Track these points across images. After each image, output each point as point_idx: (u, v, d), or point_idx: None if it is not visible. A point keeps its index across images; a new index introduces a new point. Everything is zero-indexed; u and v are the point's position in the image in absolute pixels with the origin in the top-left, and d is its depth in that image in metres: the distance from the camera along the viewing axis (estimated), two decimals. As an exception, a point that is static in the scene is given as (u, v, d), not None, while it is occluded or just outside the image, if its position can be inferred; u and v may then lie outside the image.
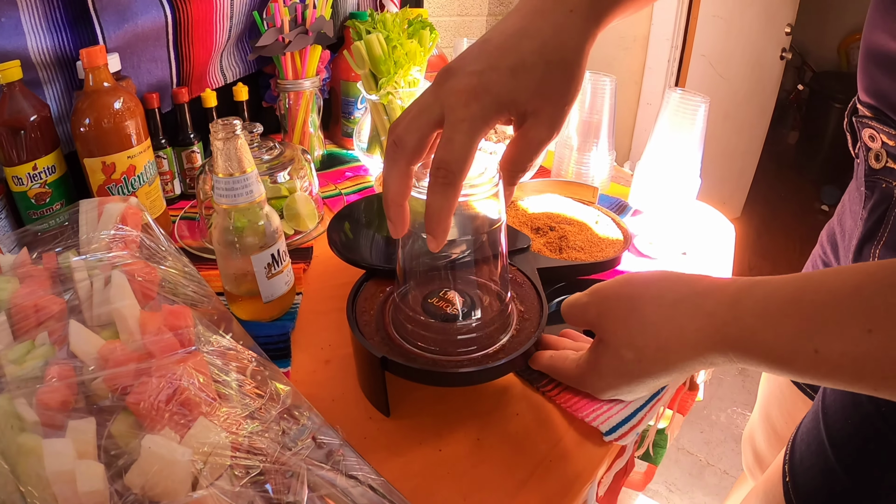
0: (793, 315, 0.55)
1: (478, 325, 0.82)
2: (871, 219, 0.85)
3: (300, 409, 0.68)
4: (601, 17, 0.67)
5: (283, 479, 0.57)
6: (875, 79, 0.80)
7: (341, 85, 1.68)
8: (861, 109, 0.83)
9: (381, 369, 0.77)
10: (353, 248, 0.98)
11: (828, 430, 0.83)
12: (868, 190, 0.85)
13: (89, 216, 0.87)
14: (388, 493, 0.61)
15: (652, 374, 0.69)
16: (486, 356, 0.78)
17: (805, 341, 0.54)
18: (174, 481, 0.51)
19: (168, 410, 0.57)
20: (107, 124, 1.04)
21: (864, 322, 0.50)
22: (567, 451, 0.79)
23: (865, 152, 0.84)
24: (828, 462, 0.81)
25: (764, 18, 3.52)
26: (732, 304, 0.60)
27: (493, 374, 0.79)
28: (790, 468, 0.88)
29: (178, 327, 0.68)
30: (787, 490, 0.87)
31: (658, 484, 2.43)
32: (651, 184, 1.32)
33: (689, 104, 1.20)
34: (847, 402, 0.81)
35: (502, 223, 0.81)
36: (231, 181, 0.85)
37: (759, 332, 0.57)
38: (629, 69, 3.14)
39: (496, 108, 0.62)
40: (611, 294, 0.73)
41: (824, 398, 0.86)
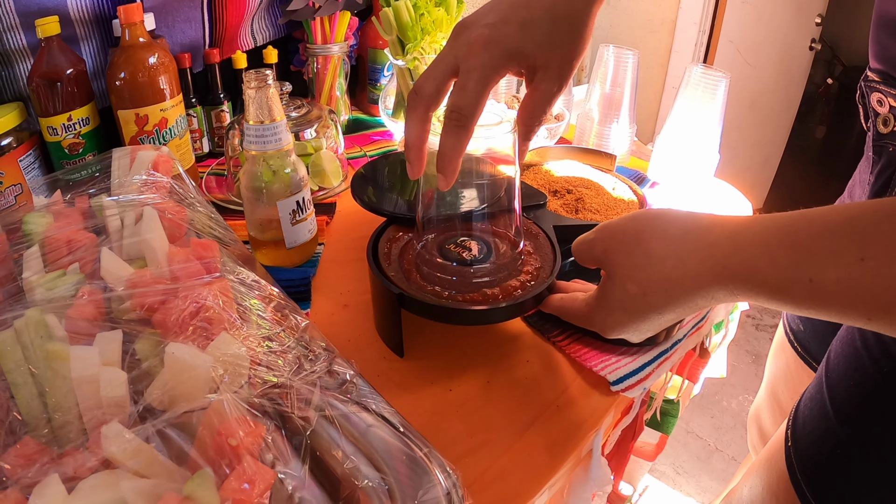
0: (788, 245, 0.56)
1: (492, 269, 0.85)
2: (877, 183, 0.86)
3: (316, 342, 0.71)
4: None
5: (296, 397, 0.59)
6: (885, 44, 0.81)
7: (368, 52, 1.70)
8: (870, 75, 0.85)
9: (398, 305, 0.80)
10: (375, 197, 1.01)
11: (830, 392, 0.84)
12: (875, 155, 0.87)
13: (121, 163, 0.90)
14: (394, 420, 0.64)
15: (656, 308, 0.69)
16: (498, 298, 0.81)
17: (800, 270, 0.55)
18: (194, 386, 0.54)
19: (192, 325, 0.60)
20: (142, 78, 1.07)
21: (857, 250, 0.51)
22: (574, 399, 0.82)
23: (874, 117, 0.85)
24: (829, 423, 0.82)
25: (794, 7, 3.50)
26: (732, 236, 0.61)
27: (505, 313, 0.82)
28: (792, 433, 0.89)
29: (205, 257, 0.71)
30: (789, 454, 0.88)
31: (665, 465, 2.44)
32: (670, 157, 1.33)
33: (710, 79, 1.22)
34: (850, 365, 0.82)
35: (517, 176, 0.84)
36: (261, 128, 0.89)
37: (757, 261, 0.58)
38: (656, 52, 3.14)
39: (506, 58, 0.68)
40: (617, 229, 0.74)
41: (828, 363, 0.88)
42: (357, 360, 0.79)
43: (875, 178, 0.87)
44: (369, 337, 0.89)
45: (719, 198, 1.41)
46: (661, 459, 2.45)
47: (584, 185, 1.19)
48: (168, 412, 0.53)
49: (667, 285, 0.67)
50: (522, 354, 0.88)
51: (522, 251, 0.89)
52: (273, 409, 0.57)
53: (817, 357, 1.13)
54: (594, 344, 0.90)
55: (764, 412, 1.39)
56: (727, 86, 1.21)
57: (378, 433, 0.60)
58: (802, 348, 1.17)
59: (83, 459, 0.49)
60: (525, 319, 0.94)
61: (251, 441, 0.50)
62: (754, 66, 3.50)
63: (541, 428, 0.77)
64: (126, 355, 0.58)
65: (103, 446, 0.48)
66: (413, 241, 0.91)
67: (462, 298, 0.81)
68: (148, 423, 0.52)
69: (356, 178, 1.05)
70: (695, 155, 1.27)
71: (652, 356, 0.90)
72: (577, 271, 1.03)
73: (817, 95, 5.53)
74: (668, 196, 1.33)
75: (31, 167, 1.07)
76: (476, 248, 0.88)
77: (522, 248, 0.89)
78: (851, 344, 0.83)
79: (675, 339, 0.94)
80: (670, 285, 0.66)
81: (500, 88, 1.69)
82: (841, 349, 0.86)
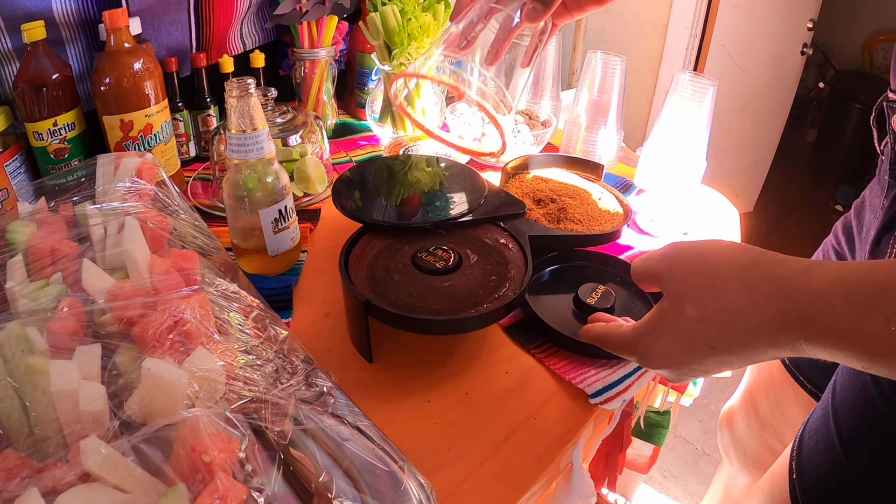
0: (866, 283, 0.53)
1: (463, 278, 0.87)
2: (892, 209, 0.85)
3: (296, 353, 0.71)
4: None
5: (273, 411, 0.60)
6: None
7: (357, 56, 1.71)
8: (891, 96, 0.85)
9: (365, 314, 0.80)
10: (356, 203, 1.02)
11: (837, 427, 0.82)
12: (892, 179, 0.86)
13: (106, 169, 0.91)
14: (371, 432, 0.64)
15: (709, 340, 0.62)
16: (465, 308, 0.82)
17: (876, 309, 0.51)
18: (170, 401, 0.55)
19: (169, 340, 0.61)
20: (126, 83, 1.08)
21: None
22: (552, 411, 0.83)
23: (893, 141, 0.85)
24: (836, 458, 0.81)
25: (786, 12, 3.52)
26: (805, 270, 0.57)
27: (473, 323, 0.83)
28: (797, 465, 0.88)
29: (184, 269, 0.72)
30: (794, 487, 0.87)
31: (653, 470, 2.44)
32: (657, 164, 1.33)
33: (698, 87, 1.21)
34: (859, 400, 0.81)
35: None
36: (243, 137, 0.90)
37: (830, 296, 0.54)
38: (647, 56, 3.14)
39: None
40: (686, 248, 0.69)
41: (834, 395, 0.86)
42: (337, 369, 0.80)
43: (890, 202, 0.86)
44: (349, 347, 0.90)
45: (706, 205, 1.41)
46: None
47: (568, 194, 1.19)
48: (144, 427, 0.53)
49: (726, 315, 0.61)
50: (502, 366, 0.89)
51: (494, 262, 0.91)
52: (249, 423, 0.57)
53: (805, 372, 1.13)
54: (573, 357, 0.91)
55: (739, 418, 1.40)
56: (715, 93, 1.22)
57: (353, 447, 0.61)
58: (791, 360, 1.17)
59: (62, 473, 0.50)
60: (505, 331, 0.95)
61: (225, 457, 0.51)
62: (746, 70, 3.51)
63: (518, 440, 0.78)
64: (105, 370, 0.59)
65: (82, 460, 0.49)
66: (388, 248, 0.93)
67: (431, 307, 0.82)
68: (124, 437, 0.52)
69: (338, 184, 1.05)
70: (682, 162, 1.27)
71: (631, 368, 0.91)
72: (555, 282, 1.05)
73: (809, 99, 5.55)
74: (654, 203, 1.33)
75: (17, 172, 1.07)
76: (448, 258, 0.89)
77: (495, 259, 0.91)
78: (860, 378, 0.82)
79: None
80: (730, 315, 0.61)
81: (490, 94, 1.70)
82: (848, 382, 0.84)
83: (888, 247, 0.85)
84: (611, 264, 1.10)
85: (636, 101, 3.22)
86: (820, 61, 5.28)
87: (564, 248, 1.10)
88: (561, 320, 0.96)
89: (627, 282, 1.06)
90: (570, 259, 1.11)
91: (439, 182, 1.10)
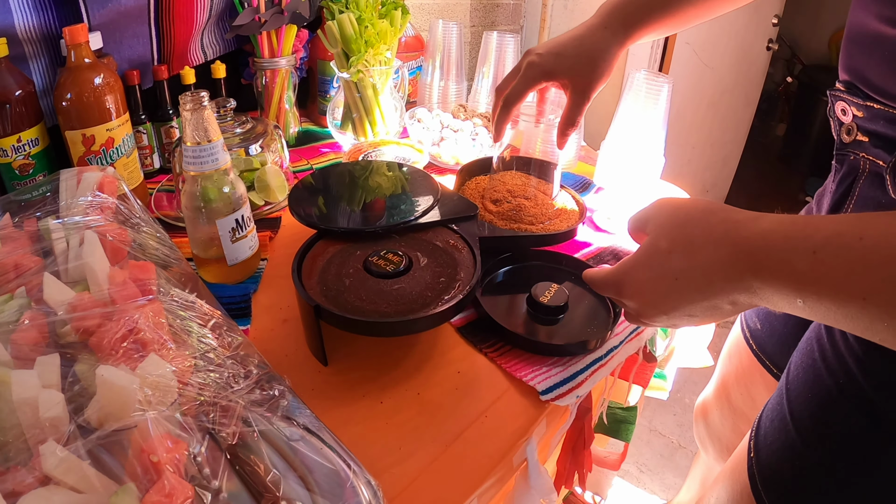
0: (800, 223, 0.60)
1: (411, 283, 0.89)
2: (838, 191, 0.89)
3: (251, 359, 0.73)
4: (629, 35, 1.04)
5: (224, 414, 0.62)
6: (852, 55, 0.85)
7: (318, 64, 1.72)
8: (837, 86, 0.88)
9: (316, 318, 0.83)
10: (309, 210, 1.03)
11: (790, 405, 0.87)
12: (838, 164, 0.90)
13: (69, 184, 0.93)
14: (321, 433, 0.67)
15: (676, 270, 0.70)
16: (413, 311, 0.84)
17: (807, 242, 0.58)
18: (122, 406, 0.57)
19: (123, 347, 0.63)
20: (87, 98, 1.10)
21: (858, 231, 0.55)
22: (503, 409, 0.85)
23: (839, 127, 0.88)
24: (789, 436, 0.85)
25: (751, 8, 3.54)
26: (757, 217, 0.65)
27: (416, 326, 0.85)
28: (755, 444, 0.92)
29: (141, 280, 0.74)
30: (752, 465, 0.91)
31: (629, 465, 2.46)
32: (615, 162, 1.35)
33: (653, 84, 1.24)
34: (809, 377, 0.85)
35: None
36: (198, 149, 0.92)
37: (772, 233, 0.62)
38: (613, 56, 3.17)
39: (543, 76, 1.04)
40: (669, 200, 0.77)
41: (788, 374, 0.90)
42: (293, 374, 0.82)
43: (837, 185, 0.90)
44: (306, 351, 0.92)
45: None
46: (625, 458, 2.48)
47: (524, 194, 1.21)
48: (98, 431, 0.56)
49: (690, 248, 0.69)
50: (454, 366, 0.91)
51: (443, 264, 0.93)
52: (199, 425, 0.60)
53: (772, 358, 1.16)
54: (525, 355, 0.93)
55: (713, 409, 1.43)
56: (670, 90, 1.24)
57: (303, 447, 0.63)
58: (759, 347, 1.20)
59: (23, 476, 0.52)
60: (459, 331, 0.97)
61: (173, 457, 0.53)
62: (712, 67, 3.54)
63: (469, 438, 0.80)
64: (66, 378, 0.61)
65: (41, 463, 0.51)
66: (341, 253, 0.95)
67: (379, 310, 0.84)
68: (79, 441, 0.55)
69: (294, 192, 1.07)
70: (640, 159, 1.29)
71: (584, 364, 0.93)
72: (509, 282, 1.08)
73: (777, 94, 5.59)
74: (612, 201, 1.35)
75: (-18, 187, 1.09)
76: (399, 261, 0.92)
77: (444, 261, 0.94)
78: (810, 356, 0.86)
79: (610, 346, 0.97)
80: (693, 248, 0.68)
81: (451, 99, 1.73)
82: (800, 361, 0.88)
83: None
84: (565, 263, 1.13)
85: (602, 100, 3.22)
86: (787, 56, 5.32)
87: (519, 249, 1.12)
88: (515, 320, 0.99)
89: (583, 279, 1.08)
90: (525, 259, 1.13)
91: (395, 187, 1.12)
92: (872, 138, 0.82)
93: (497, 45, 1.63)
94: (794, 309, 0.60)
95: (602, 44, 1.03)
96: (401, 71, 1.62)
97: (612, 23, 1.05)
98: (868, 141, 0.83)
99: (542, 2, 2.99)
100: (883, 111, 0.79)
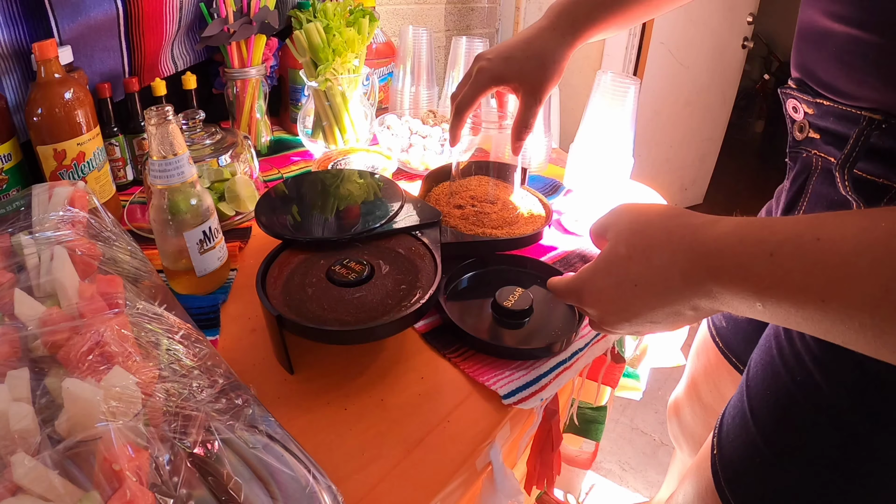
0: (756, 225, 0.60)
1: (373, 291, 0.91)
2: (792, 189, 0.90)
3: (218, 368, 0.75)
4: (577, 35, 1.06)
5: (187, 423, 0.64)
6: (802, 52, 0.86)
7: (289, 73, 1.74)
8: (789, 83, 0.89)
9: (279, 327, 0.85)
10: (275, 220, 1.05)
11: (750, 402, 0.88)
12: (791, 161, 0.91)
13: (41, 199, 0.94)
14: (285, 441, 0.69)
15: (635, 276, 0.70)
16: (373, 318, 0.86)
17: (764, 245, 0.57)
18: (87, 417, 0.59)
19: (88, 361, 0.65)
20: (58, 113, 1.11)
21: (814, 232, 0.55)
22: (466, 414, 0.86)
23: (791, 124, 0.89)
24: (749, 432, 0.86)
25: (725, 7, 3.59)
26: (714, 221, 0.65)
27: (376, 334, 0.87)
28: (718, 441, 0.94)
29: (108, 293, 0.76)
30: (714, 461, 0.93)
31: (612, 463, 2.48)
32: (584, 164, 1.36)
33: (619, 86, 1.25)
34: (767, 373, 0.86)
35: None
36: (164, 163, 0.94)
37: (729, 237, 0.62)
38: (587, 57, 3.19)
39: (493, 81, 1.05)
40: (629, 205, 0.78)
41: (748, 371, 0.92)
42: (260, 383, 0.84)
43: (790, 183, 0.91)
44: (274, 360, 0.93)
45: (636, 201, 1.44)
46: (607, 457, 2.49)
47: (489, 199, 1.23)
48: (64, 442, 0.58)
49: (649, 252, 0.69)
50: (418, 371, 0.92)
51: (404, 272, 0.95)
52: (162, 435, 0.61)
53: (738, 355, 1.18)
54: (489, 359, 0.94)
55: (684, 406, 1.44)
56: (636, 91, 1.25)
57: (265, 455, 0.65)
58: (725, 345, 1.22)
59: (-6, 486, 0.54)
60: (423, 337, 0.99)
61: (135, 466, 0.55)
62: (687, 66, 3.58)
63: (431, 443, 0.81)
64: (35, 392, 0.63)
65: (12, 473, 0.53)
66: (305, 263, 0.97)
67: (340, 318, 0.86)
68: (46, 452, 0.57)
69: (261, 202, 1.08)
70: (608, 160, 1.31)
71: (548, 367, 0.94)
72: (475, 287, 1.10)
73: (755, 91, 5.65)
74: (580, 203, 1.37)
75: (-44, 203, 1.10)
76: (361, 270, 0.93)
77: (406, 268, 0.95)
78: (769, 353, 0.87)
79: (576, 348, 0.99)
80: (652, 253, 0.69)
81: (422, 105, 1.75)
82: (760, 358, 0.89)
83: None
84: (529, 266, 1.14)
85: (577, 102, 3.26)
86: (764, 53, 5.38)
87: (484, 254, 1.14)
88: (480, 324, 1.00)
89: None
90: (490, 264, 1.14)
91: (361, 195, 1.14)
92: (824, 135, 0.83)
93: (466, 49, 1.65)
94: (754, 313, 0.60)
95: (551, 45, 1.05)
96: (371, 78, 1.64)
97: (560, 24, 1.06)
98: (819, 138, 0.83)
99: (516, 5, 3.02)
100: (832, 108, 0.79)
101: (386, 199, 1.09)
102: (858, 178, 0.77)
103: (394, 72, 1.85)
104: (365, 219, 1.03)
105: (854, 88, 0.76)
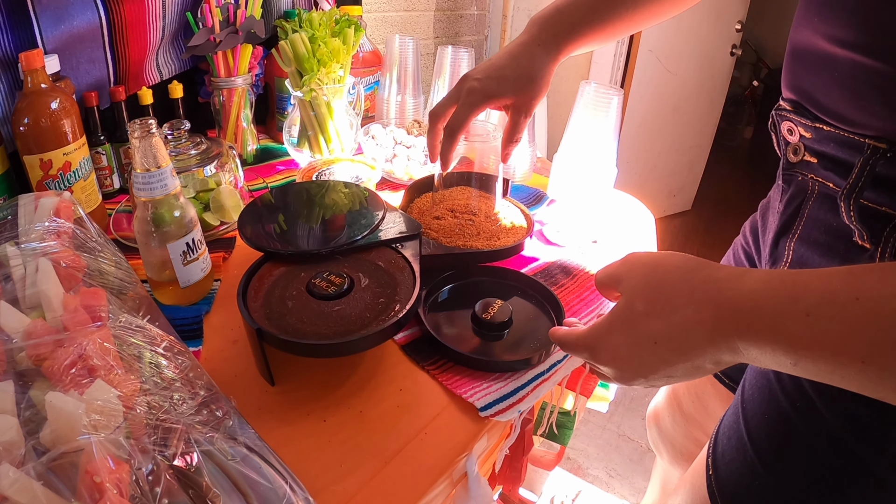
0: (788, 282, 0.58)
1: (351, 304, 0.92)
2: (786, 212, 0.89)
3: (200, 380, 0.77)
4: (560, 50, 1.09)
5: (168, 435, 0.65)
6: (797, 74, 0.85)
7: (275, 81, 1.75)
8: (782, 104, 0.89)
9: (260, 340, 0.86)
10: (258, 232, 1.05)
11: (747, 425, 0.87)
12: (785, 184, 0.90)
13: (27, 209, 0.95)
14: (263, 452, 0.70)
15: (654, 333, 0.68)
16: (351, 332, 0.86)
17: (798, 303, 0.56)
18: (70, 429, 0.60)
19: (71, 374, 0.66)
20: (44, 123, 1.12)
21: (853, 291, 0.53)
22: (444, 425, 0.87)
23: (784, 147, 0.88)
24: (747, 455, 0.86)
25: (714, 15, 3.60)
26: (740, 275, 0.63)
27: (354, 347, 0.87)
28: (713, 462, 0.93)
29: (91, 306, 0.77)
30: (710, 483, 0.91)
31: (598, 469, 2.49)
32: (567, 174, 1.37)
33: (602, 96, 1.25)
34: (764, 397, 0.85)
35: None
36: (147, 175, 0.95)
37: (759, 293, 0.60)
38: (576, 65, 3.20)
39: (485, 99, 1.06)
40: (642, 256, 0.75)
41: (743, 393, 0.91)
42: (241, 394, 0.85)
43: (784, 206, 0.90)
44: (254, 371, 0.94)
45: (620, 210, 1.47)
46: (594, 463, 2.49)
47: (471, 210, 1.24)
48: (47, 454, 0.59)
49: (669, 310, 0.67)
50: (397, 383, 0.93)
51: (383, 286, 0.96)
52: (143, 447, 0.63)
53: None
54: (467, 371, 0.95)
55: (664, 414, 1.45)
56: (619, 101, 1.25)
57: (244, 467, 0.66)
58: None
59: (-21, 497, 0.56)
60: (403, 349, 1.00)
61: (116, 478, 0.57)
62: (675, 73, 3.59)
63: (409, 454, 0.82)
64: (20, 405, 0.64)
65: (-1, 484, 0.55)
66: (286, 275, 0.98)
67: (319, 332, 0.87)
68: (30, 463, 0.58)
69: (244, 213, 1.09)
70: (591, 170, 1.31)
71: (526, 380, 0.95)
72: (455, 299, 1.11)
73: (744, 97, 5.67)
74: (563, 213, 1.38)
75: (-56, 213, 1.11)
76: (341, 283, 0.94)
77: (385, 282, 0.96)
78: (764, 375, 0.86)
79: (554, 360, 1.00)
80: (673, 310, 0.66)
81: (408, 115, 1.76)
82: (755, 380, 0.88)
83: (785, 249, 0.88)
84: (510, 278, 1.15)
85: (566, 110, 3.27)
86: (753, 60, 5.41)
87: (464, 265, 1.14)
88: (459, 337, 1.01)
89: (529, 293, 1.11)
90: (471, 275, 1.15)
91: (343, 207, 1.14)
92: (821, 160, 0.82)
93: (451, 59, 1.66)
94: (783, 367, 0.59)
95: (538, 61, 1.07)
96: (357, 87, 1.65)
97: (543, 38, 1.08)
98: (817, 162, 0.82)
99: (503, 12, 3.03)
100: (833, 133, 0.78)
101: (368, 210, 1.10)
102: (864, 207, 0.76)
103: (380, 80, 1.86)
104: (345, 231, 1.04)
105: (858, 115, 0.75)
